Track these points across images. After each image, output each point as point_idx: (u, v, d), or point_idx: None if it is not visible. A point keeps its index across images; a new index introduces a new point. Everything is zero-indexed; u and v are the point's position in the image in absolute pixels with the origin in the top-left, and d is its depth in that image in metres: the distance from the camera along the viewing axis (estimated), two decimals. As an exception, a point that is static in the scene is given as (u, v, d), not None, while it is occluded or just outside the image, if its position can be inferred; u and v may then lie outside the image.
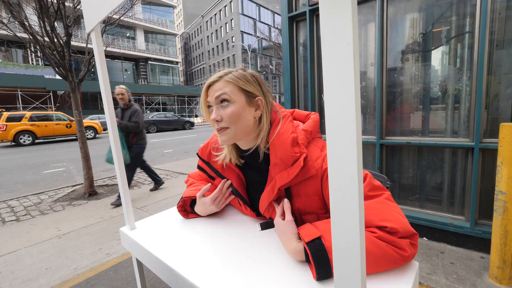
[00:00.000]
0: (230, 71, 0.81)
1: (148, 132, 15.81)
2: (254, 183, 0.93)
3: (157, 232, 0.92)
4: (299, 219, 0.82)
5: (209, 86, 0.81)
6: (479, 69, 1.78)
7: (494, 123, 1.83)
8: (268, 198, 0.82)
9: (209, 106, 0.83)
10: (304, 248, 0.67)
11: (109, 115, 0.89)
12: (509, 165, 1.44)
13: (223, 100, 0.78)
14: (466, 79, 1.91)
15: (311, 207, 0.80)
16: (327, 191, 0.76)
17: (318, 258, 0.62)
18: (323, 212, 0.81)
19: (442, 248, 1.98)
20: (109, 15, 0.80)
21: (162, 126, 16.62)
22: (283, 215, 0.79)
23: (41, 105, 19.20)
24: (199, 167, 1.01)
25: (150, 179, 4.66)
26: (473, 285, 1.57)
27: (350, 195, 0.33)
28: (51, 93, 19.35)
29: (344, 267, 0.36)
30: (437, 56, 2.05)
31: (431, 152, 2.11)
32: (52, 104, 19.65)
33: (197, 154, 0.99)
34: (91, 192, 3.85)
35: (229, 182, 0.96)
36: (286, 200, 0.80)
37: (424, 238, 2.12)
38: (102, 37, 0.97)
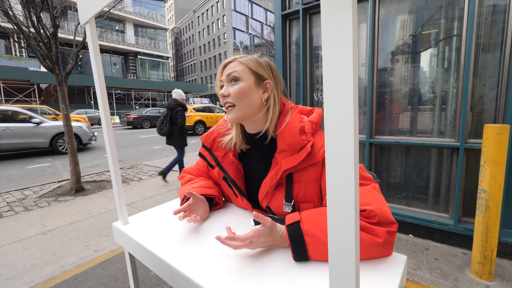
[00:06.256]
0: (245, 55, 0.88)
1: (142, 128, 15.90)
2: (253, 172, 0.95)
3: (151, 227, 0.92)
4: (296, 207, 0.85)
5: (225, 66, 0.87)
6: (465, 71, 1.84)
7: (478, 124, 1.90)
8: (270, 183, 0.85)
9: (222, 87, 0.88)
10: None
11: (103, 109, 0.88)
12: (491, 165, 1.51)
13: (233, 78, 0.84)
14: (453, 81, 1.97)
15: (310, 194, 0.83)
16: (325, 178, 0.78)
17: (294, 238, 0.68)
18: (321, 202, 0.84)
19: (427, 245, 2.04)
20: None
21: (156, 122, 16.55)
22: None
23: (25, 98, 18.54)
24: (200, 155, 1.02)
25: (139, 176, 4.65)
26: (455, 280, 1.64)
27: (347, 190, 0.34)
28: (35, 86, 18.72)
29: (338, 259, 0.37)
30: (426, 58, 2.10)
31: (418, 152, 2.17)
32: (37, 97, 19.02)
33: (201, 142, 1.00)
34: (78, 188, 3.77)
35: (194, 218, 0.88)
36: (254, 213, 0.72)
37: (410, 235, 2.18)
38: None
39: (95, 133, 8.17)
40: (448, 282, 1.63)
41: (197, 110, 12.44)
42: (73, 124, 6.72)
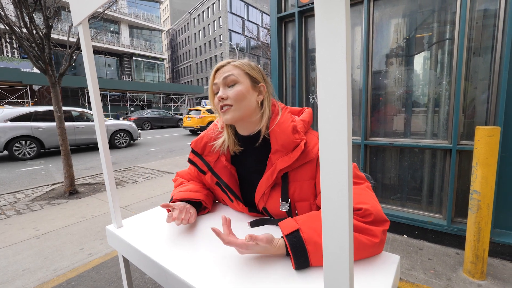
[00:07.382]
0: (237, 59, 0.89)
1: (142, 129, 15.96)
2: (247, 175, 0.95)
3: (145, 230, 0.91)
4: (292, 206, 0.86)
5: (217, 70, 0.88)
6: (457, 74, 1.87)
7: (470, 126, 1.93)
8: (266, 184, 0.86)
9: (215, 93, 0.88)
10: (284, 241, 0.69)
11: (96, 111, 0.87)
12: (483, 166, 1.53)
13: (230, 81, 0.84)
14: (446, 84, 2.00)
15: (305, 193, 0.84)
16: (319, 175, 0.79)
17: (296, 248, 0.67)
18: (315, 200, 0.85)
19: (421, 245, 2.06)
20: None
21: (156, 124, 16.85)
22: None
23: (17, 100, 18.27)
24: (190, 161, 1.00)
25: (134, 179, 4.60)
26: (448, 280, 1.66)
27: (341, 193, 0.35)
28: (28, 88, 18.46)
29: (332, 260, 0.37)
30: (419, 61, 2.13)
31: (412, 153, 2.19)
32: (29, 99, 18.75)
33: (190, 147, 0.99)
34: (71, 191, 3.72)
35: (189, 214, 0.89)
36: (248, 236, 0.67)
37: (405, 235, 2.20)
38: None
39: (140, 131, 9.49)
40: (441, 281, 1.64)
41: (210, 111, 13.37)
42: (125, 122, 8.84)
